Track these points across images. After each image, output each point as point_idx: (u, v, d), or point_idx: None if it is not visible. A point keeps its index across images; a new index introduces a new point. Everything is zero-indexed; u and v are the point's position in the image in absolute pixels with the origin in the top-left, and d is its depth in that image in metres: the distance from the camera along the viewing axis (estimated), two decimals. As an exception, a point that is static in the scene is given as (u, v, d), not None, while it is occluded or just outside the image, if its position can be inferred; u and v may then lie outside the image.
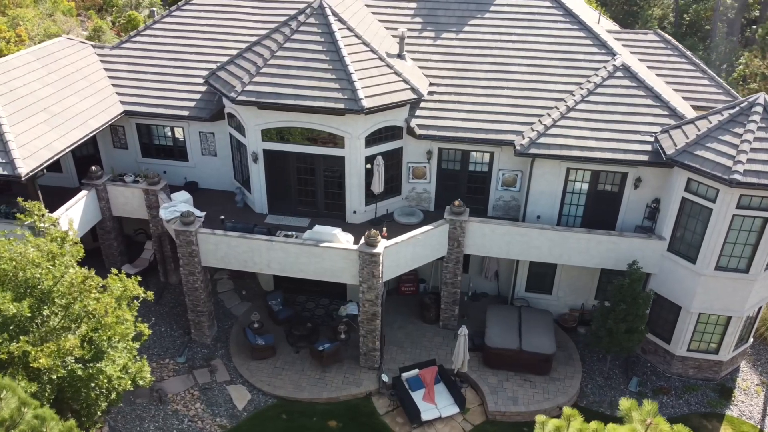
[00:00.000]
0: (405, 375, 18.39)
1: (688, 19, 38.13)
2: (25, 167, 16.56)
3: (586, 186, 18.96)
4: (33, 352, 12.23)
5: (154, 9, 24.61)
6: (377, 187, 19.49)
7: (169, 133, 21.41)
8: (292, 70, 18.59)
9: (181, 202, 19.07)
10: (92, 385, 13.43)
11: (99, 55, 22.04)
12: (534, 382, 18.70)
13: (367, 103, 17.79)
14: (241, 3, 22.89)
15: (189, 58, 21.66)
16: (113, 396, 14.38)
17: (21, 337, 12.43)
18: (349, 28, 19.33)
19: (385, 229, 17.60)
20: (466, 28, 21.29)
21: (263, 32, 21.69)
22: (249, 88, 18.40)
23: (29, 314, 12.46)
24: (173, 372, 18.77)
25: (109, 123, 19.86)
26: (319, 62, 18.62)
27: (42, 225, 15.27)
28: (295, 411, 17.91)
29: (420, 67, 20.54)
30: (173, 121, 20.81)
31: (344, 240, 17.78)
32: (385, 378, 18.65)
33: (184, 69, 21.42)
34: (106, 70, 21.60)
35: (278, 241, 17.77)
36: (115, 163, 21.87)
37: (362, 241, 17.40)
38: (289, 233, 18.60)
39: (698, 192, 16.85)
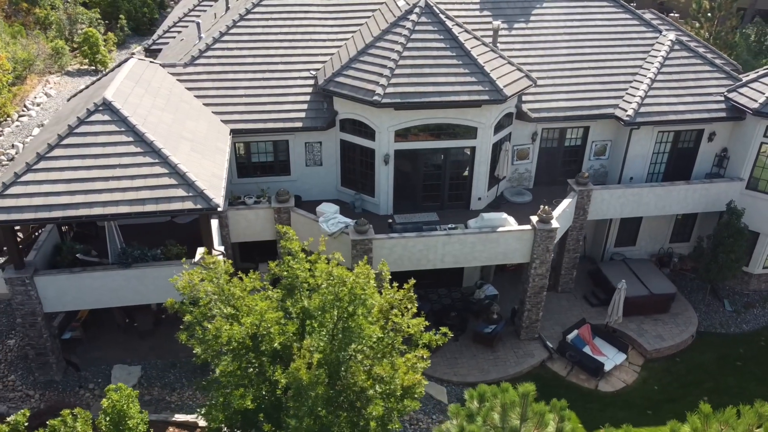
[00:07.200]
0: (569, 337, 20.01)
1: None
2: (218, 198, 15.27)
3: (669, 145, 21.97)
4: (394, 371, 11.97)
5: (199, 21, 22.70)
6: (504, 170, 20.74)
7: (270, 149, 20.47)
8: (426, 68, 19.01)
9: (334, 213, 18.60)
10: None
11: (173, 74, 20.21)
12: (663, 320, 21.41)
13: (508, 92, 18.91)
14: (308, 8, 22.30)
15: (277, 68, 20.78)
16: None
17: (364, 358, 12.07)
18: (459, 25, 20.17)
19: (544, 207, 18.91)
20: (532, 18, 23.11)
21: (346, 35, 21.62)
22: (390, 90, 18.50)
23: (380, 335, 12.12)
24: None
25: (230, 144, 18.62)
26: (447, 58, 19.24)
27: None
28: (491, 392, 18.67)
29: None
30: (280, 134, 19.98)
31: (513, 223, 18.84)
32: (549, 344, 20.11)
33: (276, 80, 20.56)
34: (189, 89, 19.96)
35: (456, 234, 18.30)
36: (205, 188, 20.30)
37: (536, 219, 18.62)
38: (449, 226, 19.12)
39: (775, 136, 20.66)
